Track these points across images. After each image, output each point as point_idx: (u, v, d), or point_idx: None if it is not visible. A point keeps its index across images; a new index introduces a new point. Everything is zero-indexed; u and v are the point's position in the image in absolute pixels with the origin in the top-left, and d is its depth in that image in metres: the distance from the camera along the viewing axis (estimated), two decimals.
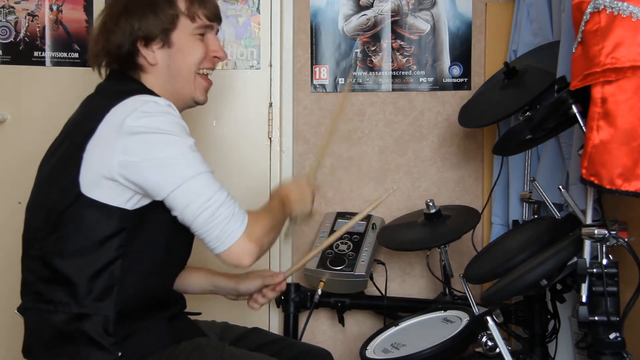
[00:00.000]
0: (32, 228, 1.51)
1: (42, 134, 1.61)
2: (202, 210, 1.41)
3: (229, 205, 1.44)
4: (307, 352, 1.78)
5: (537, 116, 1.63)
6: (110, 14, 1.58)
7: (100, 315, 1.41)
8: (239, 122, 2.66)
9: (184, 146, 1.43)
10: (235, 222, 1.43)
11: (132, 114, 1.41)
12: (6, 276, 1.87)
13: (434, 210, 2.26)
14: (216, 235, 1.42)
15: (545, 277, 1.64)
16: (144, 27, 1.55)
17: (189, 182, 1.41)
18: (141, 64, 1.56)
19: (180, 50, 1.58)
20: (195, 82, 1.61)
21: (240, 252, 1.44)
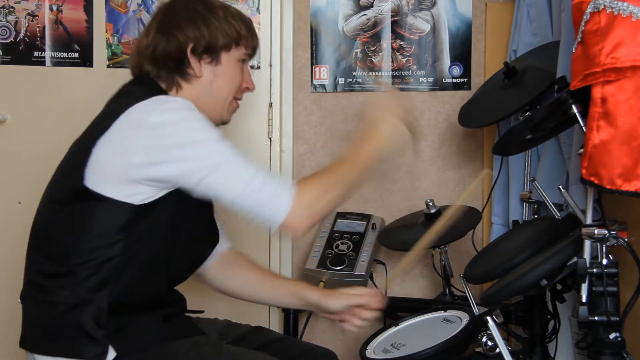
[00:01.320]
0: (39, 218, 1.54)
1: (42, 134, 1.62)
2: (245, 196, 1.41)
3: (269, 183, 1.43)
4: (310, 352, 1.78)
5: (537, 116, 1.63)
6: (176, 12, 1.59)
7: (93, 306, 1.42)
8: (239, 122, 2.65)
9: (211, 136, 1.44)
10: (279, 199, 1.42)
11: (152, 112, 1.42)
12: (6, 276, 1.87)
13: (434, 210, 2.26)
14: (267, 216, 1.43)
15: (545, 277, 1.64)
16: (206, 38, 1.57)
17: (221, 170, 1.42)
18: (188, 72, 1.57)
19: (225, 72, 1.61)
20: (230, 105, 1.67)
21: (293, 224, 1.44)
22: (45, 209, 1.53)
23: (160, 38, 1.57)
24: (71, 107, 2.48)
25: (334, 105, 2.69)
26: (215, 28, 1.58)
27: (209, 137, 1.44)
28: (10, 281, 1.69)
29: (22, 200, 1.62)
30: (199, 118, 1.46)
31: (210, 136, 1.44)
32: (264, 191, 1.42)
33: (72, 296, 1.43)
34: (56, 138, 1.61)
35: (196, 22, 1.57)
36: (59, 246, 1.46)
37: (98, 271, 1.43)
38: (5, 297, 1.74)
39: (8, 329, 1.77)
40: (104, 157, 1.42)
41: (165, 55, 1.56)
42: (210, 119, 1.62)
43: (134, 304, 1.48)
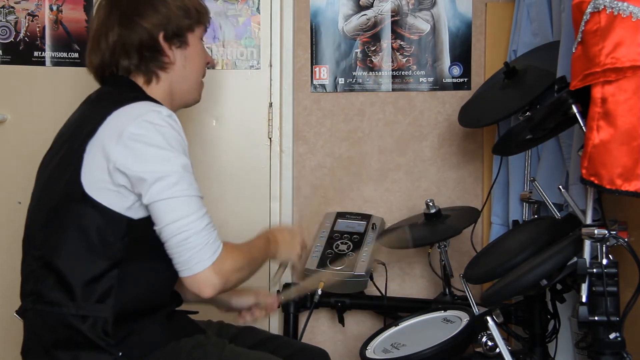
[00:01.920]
0: (33, 229, 1.51)
1: (42, 134, 1.61)
2: (178, 232, 1.39)
3: (205, 233, 1.41)
4: (303, 351, 1.78)
5: (537, 116, 1.63)
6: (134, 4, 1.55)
7: (99, 318, 1.41)
8: (239, 122, 2.66)
9: (178, 165, 1.41)
10: (206, 252, 1.41)
11: (133, 121, 1.40)
12: (6, 276, 1.87)
13: (434, 210, 2.26)
14: (185, 260, 1.40)
15: (545, 277, 1.64)
16: (172, 21, 1.54)
17: (173, 201, 1.39)
18: (164, 61, 1.55)
19: (193, 53, 1.60)
20: (200, 86, 1.66)
21: (203, 283, 1.41)
22: (39, 218, 1.50)
23: (126, 31, 1.53)
24: (71, 107, 2.48)
25: (334, 105, 2.69)
26: (176, 10, 1.55)
27: (177, 164, 1.41)
28: (10, 281, 1.68)
29: (22, 200, 1.63)
30: (175, 138, 1.43)
31: (179, 163, 1.42)
32: (198, 237, 1.40)
33: (76, 307, 1.41)
34: None
35: (156, 6, 1.54)
36: (58, 256, 1.43)
37: (98, 282, 1.42)
38: (5, 298, 1.74)
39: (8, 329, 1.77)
40: (93, 163, 1.41)
41: (138, 47, 1.53)
42: (186, 103, 1.64)
43: (139, 311, 1.47)
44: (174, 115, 1.46)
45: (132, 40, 1.53)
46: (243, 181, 2.64)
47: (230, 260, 1.45)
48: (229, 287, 1.47)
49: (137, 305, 1.46)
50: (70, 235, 1.43)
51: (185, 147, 1.45)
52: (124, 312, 1.43)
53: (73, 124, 1.55)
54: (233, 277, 1.46)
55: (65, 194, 1.43)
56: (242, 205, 2.64)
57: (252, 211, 2.64)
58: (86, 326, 1.41)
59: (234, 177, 2.64)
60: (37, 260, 1.47)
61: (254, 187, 2.64)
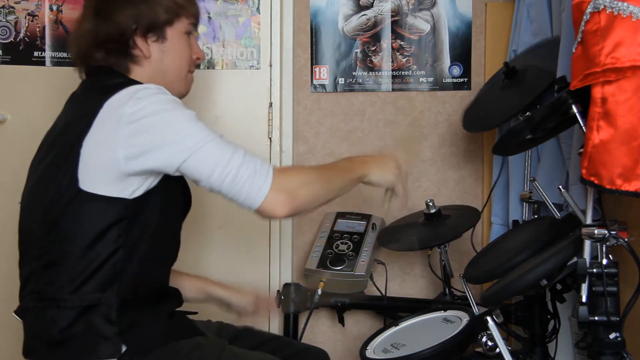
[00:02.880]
0: (29, 229, 1.52)
1: (42, 134, 1.61)
2: (224, 176, 1.41)
3: (249, 163, 1.43)
4: (303, 351, 1.78)
5: (537, 116, 1.63)
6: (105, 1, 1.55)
7: (104, 305, 1.41)
8: (239, 122, 2.66)
9: (187, 117, 1.43)
10: (259, 179, 1.42)
11: (127, 102, 1.41)
12: (6, 276, 1.86)
13: (434, 210, 2.26)
14: (245, 197, 1.42)
15: (545, 277, 1.64)
16: (147, 16, 1.53)
17: (202, 150, 1.41)
18: (136, 55, 1.54)
19: (172, 47, 1.58)
20: (186, 79, 1.64)
21: (272, 206, 1.43)
22: (35, 219, 1.49)
23: (100, 23, 1.53)
24: None
25: (334, 105, 2.68)
26: (154, 3, 1.54)
27: (186, 119, 1.43)
28: (9, 281, 1.68)
29: None
30: (173, 100, 1.45)
31: (186, 117, 1.43)
32: (244, 170, 1.42)
33: (79, 299, 1.42)
34: None
35: (131, 1, 1.54)
36: (58, 252, 1.43)
37: (102, 269, 1.42)
38: (5, 296, 1.74)
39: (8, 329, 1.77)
40: (92, 156, 1.41)
41: (108, 40, 1.52)
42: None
43: (142, 298, 1.47)
44: (163, 88, 1.47)
45: (103, 33, 1.52)
46: None
47: (287, 176, 1.48)
48: (300, 201, 1.47)
49: (140, 290, 1.47)
50: (68, 231, 1.43)
51: (181, 103, 1.46)
52: (128, 299, 1.44)
53: (62, 122, 1.54)
54: (301, 191, 1.47)
55: (61, 192, 1.43)
56: None
57: None
58: (91, 315, 1.41)
59: None
60: (37, 259, 1.47)
61: None
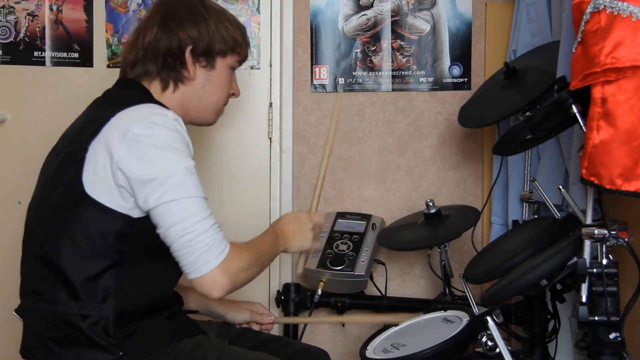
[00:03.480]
0: (34, 228, 1.52)
1: (42, 134, 1.62)
2: (184, 233, 1.39)
3: (211, 234, 1.42)
4: (304, 351, 1.78)
5: (537, 116, 1.63)
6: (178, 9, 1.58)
7: (100, 317, 1.41)
8: (239, 122, 2.66)
9: (182, 166, 1.42)
10: (212, 253, 1.41)
11: (138, 123, 1.41)
12: (6, 276, 1.87)
13: (434, 210, 2.26)
14: (192, 261, 1.40)
15: (545, 277, 1.64)
16: (205, 40, 1.56)
17: (177, 202, 1.39)
18: (183, 74, 1.57)
19: (217, 77, 1.62)
20: (219, 112, 1.69)
21: (211, 284, 1.42)
22: (40, 217, 1.50)
23: (161, 34, 1.56)
24: (71, 107, 2.48)
25: (334, 105, 2.68)
26: (215, 31, 1.57)
27: (182, 166, 1.42)
28: (9, 281, 1.68)
29: (22, 200, 1.63)
30: (181, 140, 1.44)
31: (183, 165, 1.42)
32: (204, 237, 1.40)
33: (78, 306, 1.42)
34: (56, 138, 1.61)
35: (198, 22, 1.56)
36: (58, 255, 1.43)
37: (97, 281, 1.42)
38: (6, 296, 1.74)
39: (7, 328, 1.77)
40: (96, 162, 1.42)
41: (165, 52, 1.55)
42: (196, 121, 1.66)
43: (140, 310, 1.47)
44: (180, 120, 1.47)
45: (163, 45, 1.55)
46: (243, 181, 2.64)
47: (237, 259, 1.45)
48: (237, 286, 1.47)
49: (138, 305, 1.46)
50: (71, 234, 1.43)
51: (190, 149, 1.46)
52: (125, 312, 1.43)
53: (78, 125, 1.56)
54: (241, 276, 1.47)
55: (66, 193, 1.44)
56: (242, 205, 2.64)
57: (252, 211, 2.64)
58: (87, 325, 1.41)
59: (234, 177, 2.64)
60: (39, 259, 1.47)
61: (254, 187, 2.64)
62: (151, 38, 1.56)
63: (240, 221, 2.60)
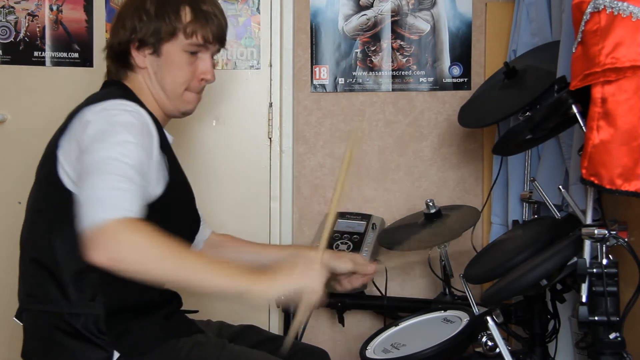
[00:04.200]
0: (27, 230, 1.54)
1: (42, 134, 1.61)
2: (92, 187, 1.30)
3: (118, 191, 1.29)
4: (303, 351, 1.78)
5: (537, 116, 1.63)
6: (124, 10, 1.64)
7: (91, 315, 1.42)
8: (239, 122, 2.66)
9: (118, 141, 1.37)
10: (105, 209, 1.26)
11: (96, 108, 1.45)
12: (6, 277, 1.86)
13: (434, 210, 2.26)
14: (86, 210, 1.28)
15: (545, 277, 1.64)
16: (142, 30, 1.59)
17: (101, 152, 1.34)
18: (132, 63, 1.61)
19: (167, 63, 1.61)
20: (183, 97, 1.64)
21: (90, 241, 1.25)
22: (30, 220, 1.52)
23: (112, 35, 1.63)
24: (71, 107, 2.48)
25: (334, 105, 2.69)
26: (156, 19, 1.58)
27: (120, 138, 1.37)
28: (10, 282, 1.68)
29: (22, 200, 1.63)
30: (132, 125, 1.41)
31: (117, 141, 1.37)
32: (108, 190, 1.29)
33: (69, 305, 1.43)
34: None
35: (136, 14, 1.59)
36: (49, 256, 1.44)
37: (90, 278, 1.42)
38: (6, 296, 1.74)
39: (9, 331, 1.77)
40: (67, 156, 1.44)
41: (112, 49, 1.63)
42: (167, 112, 1.64)
43: (132, 308, 1.47)
44: (142, 111, 1.47)
45: (112, 43, 1.63)
46: (243, 181, 2.64)
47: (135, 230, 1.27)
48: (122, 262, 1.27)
49: (127, 301, 1.46)
50: (59, 232, 1.44)
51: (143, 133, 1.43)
52: (115, 309, 1.44)
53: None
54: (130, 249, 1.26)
55: (45, 192, 1.48)
56: (242, 205, 2.64)
57: (252, 211, 2.64)
58: (80, 324, 1.42)
59: (234, 177, 2.64)
60: (33, 261, 1.48)
61: (254, 187, 2.64)
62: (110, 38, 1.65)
63: (241, 221, 2.61)
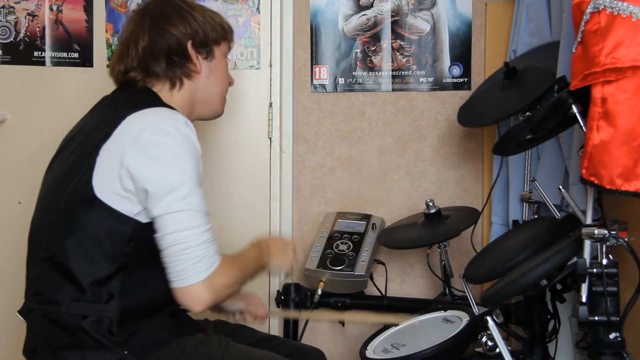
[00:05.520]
0: (41, 228, 1.52)
1: (42, 134, 1.62)
2: (178, 242, 1.41)
3: (204, 247, 1.43)
4: (300, 351, 1.78)
5: (537, 116, 1.63)
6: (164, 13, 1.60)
7: (104, 317, 1.42)
8: (239, 122, 2.66)
9: (191, 176, 1.43)
10: (201, 266, 1.42)
11: (149, 128, 1.42)
12: (7, 276, 1.87)
13: (433, 210, 2.26)
14: (179, 270, 1.42)
15: (545, 277, 1.64)
16: (200, 31, 1.59)
17: (181, 213, 1.41)
18: (189, 68, 1.59)
19: (218, 66, 1.65)
20: (223, 99, 1.71)
21: (194, 296, 1.43)
22: (48, 219, 1.50)
23: (156, 37, 1.57)
24: (71, 107, 2.48)
25: (334, 105, 2.69)
26: (204, 22, 1.61)
27: (190, 177, 1.43)
28: (12, 281, 1.69)
29: (22, 200, 1.63)
30: (191, 148, 1.45)
31: (191, 176, 1.44)
32: (196, 250, 1.41)
33: (82, 307, 1.42)
34: (56, 138, 1.61)
35: (186, 17, 1.59)
36: (64, 258, 1.43)
37: (105, 283, 1.42)
38: (7, 297, 1.74)
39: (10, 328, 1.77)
40: (106, 166, 1.42)
41: (167, 52, 1.57)
42: (205, 115, 1.68)
43: (144, 310, 1.47)
44: (190, 124, 1.48)
45: (162, 45, 1.57)
46: (243, 181, 2.64)
47: (224, 276, 1.47)
48: (218, 302, 1.50)
49: (142, 306, 1.47)
50: (79, 236, 1.43)
51: (198, 156, 1.47)
52: (129, 312, 1.44)
53: (85, 128, 1.55)
54: (224, 292, 1.49)
55: (76, 197, 1.44)
56: (242, 205, 2.64)
57: (252, 211, 2.64)
58: (91, 326, 1.42)
59: (234, 177, 2.64)
60: (45, 261, 1.47)
61: (254, 187, 2.64)
62: (145, 44, 1.57)
63: (241, 221, 2.61)
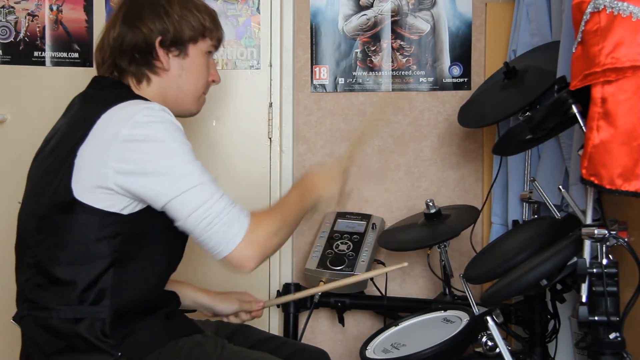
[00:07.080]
0: (25, 235, 1.51)
1: (42, 134, 1.61)
2: (201, 219, 1.41)
3: (228, 212, 1.43)
4: (302, 351, 1.77)
5: (537, 116, 1.63)
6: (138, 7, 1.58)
7: (97, 319, 1.41)
8: (239, 122, 2.66)
9: (183, 154, 1.42)
10: (233, 229, 1.43)
11: (126, 123, 1.40)
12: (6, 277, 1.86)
13: (433, 210, 2.26)
14: (216, 243, 1.43)
15: (545, 277, 1.64)
16: (172, 30, 1.56)
17: (188, 193, 1.41)
18: (156, 65, 1.57)
19: (192, 65, 1.60)
20: (199, 99, 1.66)
21: (240, 259, 1.44)
22: (30, 225, 1.49)
23: (126, 30, 1.55)
24: None
25: (334, 105, 2.69)
26: (180, 19, 1.57)
27: (182, 155, 1.42)
28: (9, 284, 1.68)
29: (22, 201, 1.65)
30: (173, 129, 1.43)
31: (182, 154, 1.43)
32: (221, 217, 1.42)
33: (72, 311, 1.41)
34: None
35: (159, 13, 1.56)
36: (53, 263, 1.43)
37: (95, 284, 1.41)
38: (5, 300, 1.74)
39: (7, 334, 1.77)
40: (86, 168, 1.41)
41: (132, 48, 1.55)
42: (179, 112, 1.62)
43: (137, 310, 1.47)
44: (166, 109, 1.46)
45: (129, 41, 1.55)
46: (243, 181, 2.64)
47: (262, 228, 1.48)
48: (269, 253, 1.50)
49: (134, 303, 1.46)
50: (64, 241, 1.42)
51: (182, 132, 1.45)
52: (121, 312, 1.43)
53: (60, 130, 1.54)
54: (270, 243, 1.49)
55: (55, 201, 1.43)
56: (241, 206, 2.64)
57: None
58: (84, 329, 1.41)
59: (234, 177, 2.63)
60: (32, 267, 1.47)
61: (254, 187, 2.64)
62: (115, 35, 1.56)
63: None
